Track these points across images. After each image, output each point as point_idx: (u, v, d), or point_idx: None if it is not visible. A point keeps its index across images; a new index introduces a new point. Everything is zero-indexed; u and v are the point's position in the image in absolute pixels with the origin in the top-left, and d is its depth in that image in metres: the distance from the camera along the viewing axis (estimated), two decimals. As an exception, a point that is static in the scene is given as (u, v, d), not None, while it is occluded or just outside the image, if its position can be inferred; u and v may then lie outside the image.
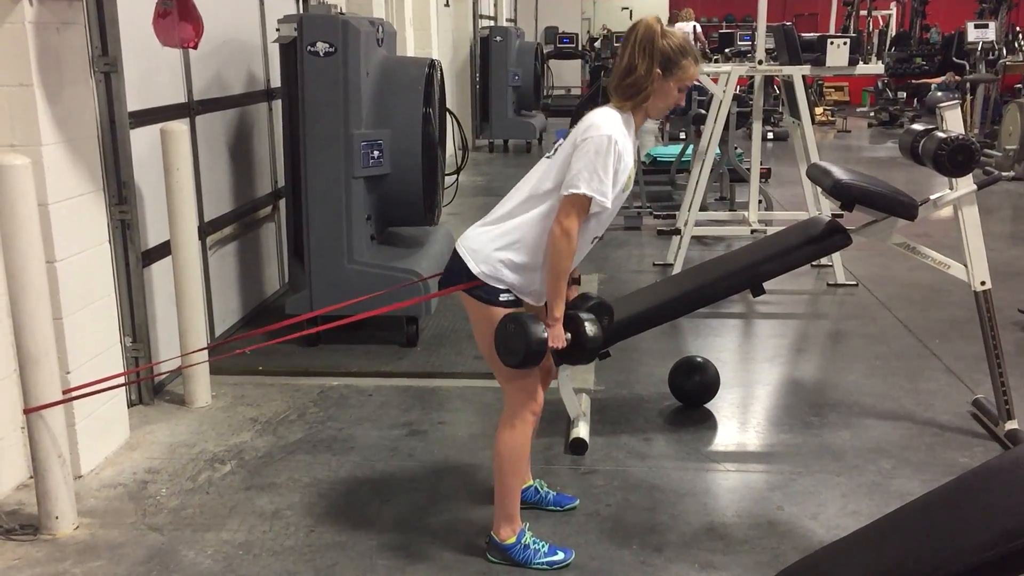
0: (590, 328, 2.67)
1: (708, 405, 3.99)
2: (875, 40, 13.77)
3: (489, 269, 2.61)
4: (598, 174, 2.50)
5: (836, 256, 5.79)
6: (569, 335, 2.67)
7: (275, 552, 2.88)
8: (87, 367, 3.30)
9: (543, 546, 2.81)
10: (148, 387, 3.99)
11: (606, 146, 2.51)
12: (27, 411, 2.91)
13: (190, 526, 3.03)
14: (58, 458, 2.93)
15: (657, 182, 8.98)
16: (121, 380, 3.55)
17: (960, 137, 3.46)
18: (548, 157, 2.67)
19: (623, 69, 2.63)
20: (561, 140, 2.68)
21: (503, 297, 2.63)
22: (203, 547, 2.91)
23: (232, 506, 3.16)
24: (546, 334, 2.59)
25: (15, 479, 3.24)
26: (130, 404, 3.84)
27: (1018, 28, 13.32)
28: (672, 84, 2.63)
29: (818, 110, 14.70)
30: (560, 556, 2.80)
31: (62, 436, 2.96)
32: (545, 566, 2.78)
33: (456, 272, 2.66)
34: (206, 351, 4.02)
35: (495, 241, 2.62)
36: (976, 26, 12.59)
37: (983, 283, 3.63)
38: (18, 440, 3.22)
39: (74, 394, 3.08)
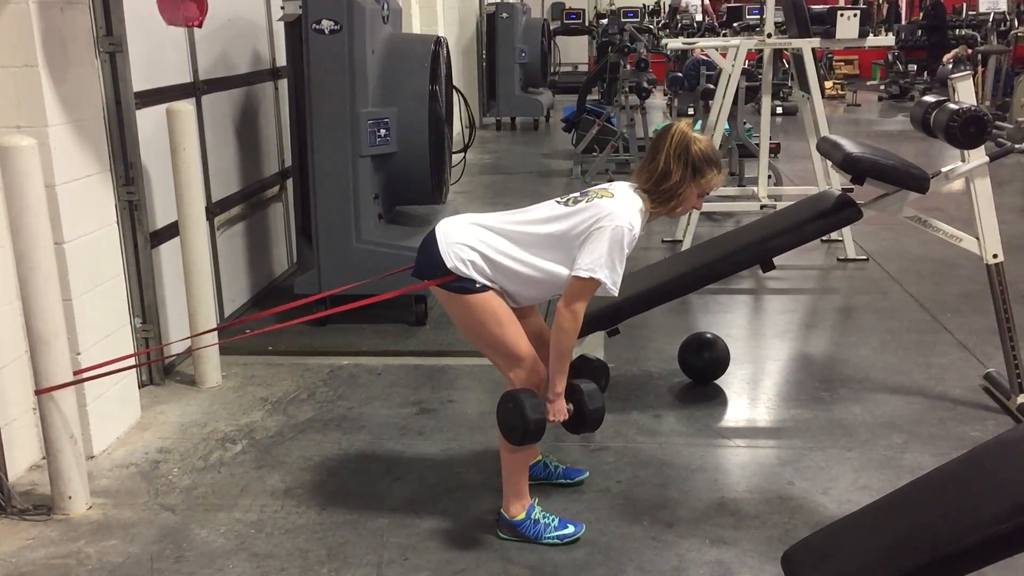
0: (591, 400, 2.71)
1: (718, 381, 3.98)
2: (885, 12, 13.62)
3: (464, 266, 2.61)
4: (614, 264, 2.58)
5: (846, 230, 5.75)
6: (571, 405, 2.71)
7: (287, 530, 2.89)
8: (97, 348, 3.31)
9: (553, 520, 2.81)
10: (159, 368, 4.01)
11: (626, 238, 2.58)
12: (38, 392, 2.92)
13: (202, 505, 3.05)
14: (70, 439, 2.95)
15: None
16: (131, 361, 3.55)
17: (972, 109, 3.42)
18: (559, 202, 2.70)
19: (659, 174, 2.68)
20: (576, 195, 2.70)
21: (478, 284, 2.63)
22: (215, 526, 2.92)
23: (243, 485, 3.17)
24: (544, 413, 2.64)
25: (28, 460, 3.26)
26: (141, 385, 3.86)
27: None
28: (695, 190, 2.72)
29: (828, 84, 14.57)
30: (570, 530, 2.81)
31: (73, 417, 2.97)
32: (556, 540, 2.78)
33: (429, 263, 2.66)
34: (216, 332, 4.03)
35: (475, 243, 2.63)
36: (988, -4, 12.45)
37: (995, 256, 3.61)
38: (30, 421, 3.23)
39: (85, 375, 3.08)
